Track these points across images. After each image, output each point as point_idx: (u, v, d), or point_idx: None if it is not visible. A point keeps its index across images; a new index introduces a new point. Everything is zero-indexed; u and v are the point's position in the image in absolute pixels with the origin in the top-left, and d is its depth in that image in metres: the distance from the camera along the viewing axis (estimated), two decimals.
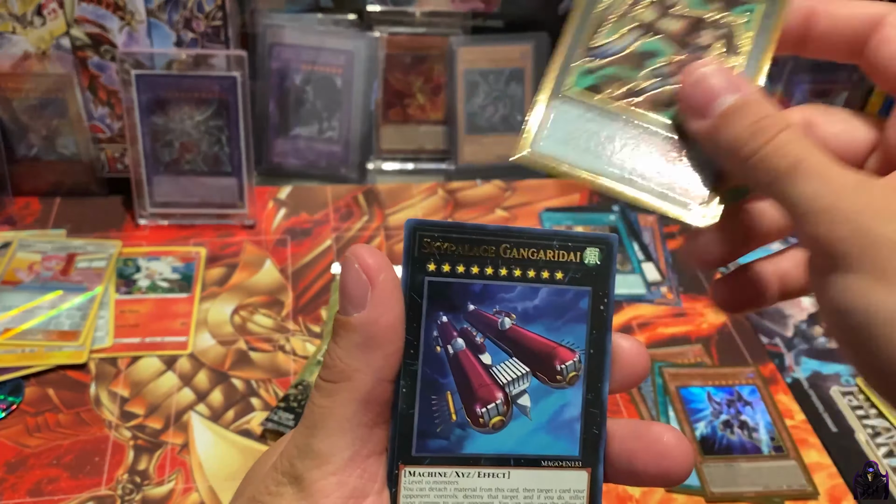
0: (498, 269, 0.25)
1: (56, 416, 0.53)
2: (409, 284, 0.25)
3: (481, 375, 0.26)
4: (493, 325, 0.26)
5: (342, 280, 0.24)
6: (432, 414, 0.25)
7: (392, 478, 0.25)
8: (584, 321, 0.26)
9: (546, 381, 0.26)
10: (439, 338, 0.25)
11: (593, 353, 0.26)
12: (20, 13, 0.64)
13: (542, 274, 0.26)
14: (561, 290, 0.26)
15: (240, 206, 0.70)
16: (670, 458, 0.26)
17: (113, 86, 0.68)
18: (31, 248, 0.64)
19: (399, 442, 0.25)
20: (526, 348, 0.26)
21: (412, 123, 0.81)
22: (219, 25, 0.66)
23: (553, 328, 0.26)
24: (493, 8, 0.80)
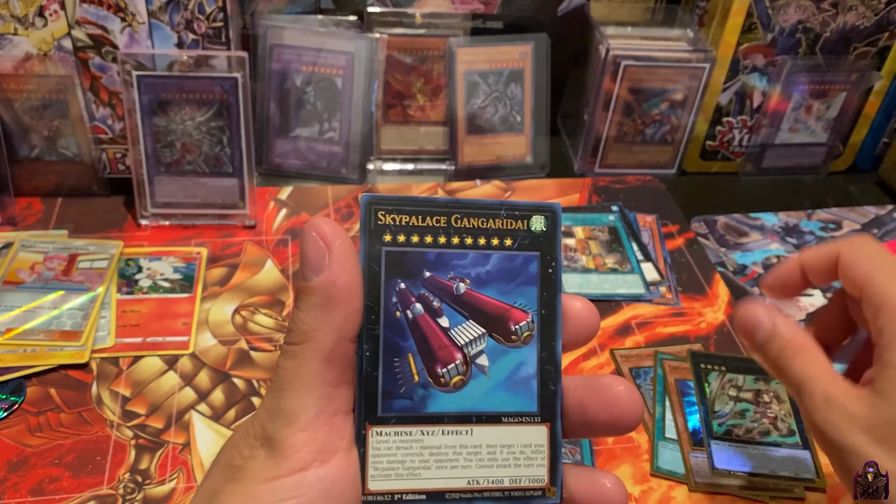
0: (451, 238, 0.27)
1: (58, 416, 0.54)
2: (368, 254, 0.27)
3: (440, 338, 0.27)
4: (448, 290, 0.27)
5: (301, 249, 0.25)
6: (395, 376, 0.27)
7: (360, 438, 0.26)
8: (535, 284, 0.28)
9: (502, 342, 0.27)
10: (398, 303, 0.27)
11: (545, 313, 0.28)
12: (22, 14, 0.64)
13: (493, 241, 0.27)
14: (511, 256, 0.27)
15: (241, 207, 0.70)
16: (620, 406, 0.28)
17: (114, 87, 0.68)
18: (33, 249, 0.64)
19: (365, 403, 0.26)
20: (481, 311, 0.27)
21: (412, 124, 0.81)
22: (220, 27, 0.66)
23: (506, 291, 0.27)
24: (493, 9, 0.80)
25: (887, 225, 0.79)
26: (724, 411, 0.55)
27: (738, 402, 0.55)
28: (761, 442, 0.53)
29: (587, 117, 0.81)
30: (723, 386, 0.57)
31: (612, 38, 0.78)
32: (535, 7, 0.82)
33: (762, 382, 0.57)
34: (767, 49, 0.79)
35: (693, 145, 0.84)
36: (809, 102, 0.82)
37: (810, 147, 0.85)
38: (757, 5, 0.75)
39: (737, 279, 0.70)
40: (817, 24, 0.77)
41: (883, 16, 0.78)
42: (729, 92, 0.81)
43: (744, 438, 0.53)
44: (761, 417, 0.55)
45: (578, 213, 0.75)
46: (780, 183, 0.85)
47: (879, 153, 0.88)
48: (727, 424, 0.54)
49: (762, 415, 0.55)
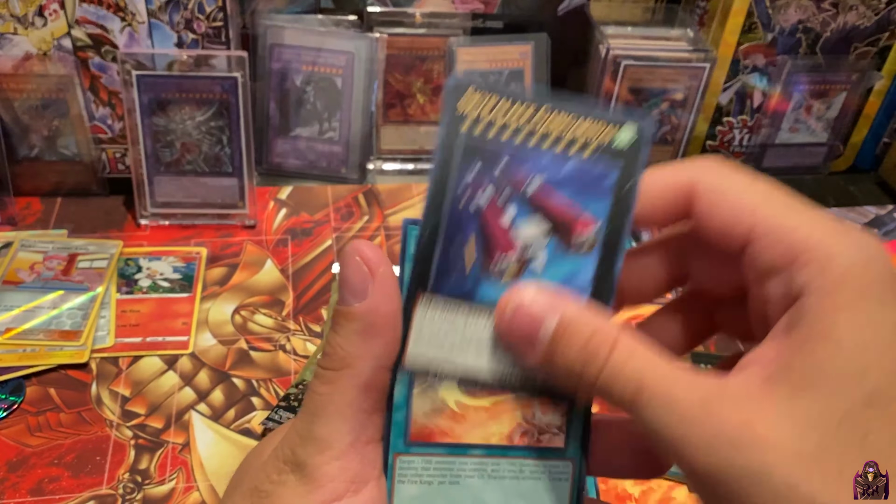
0: (533, 134, 0.26)
1: (57, 416, 0.54)
2: (445, 139, 0.26)
3: (503, 228, 0.26)
4: (520, 186, 0.26)
5: (342, 272, 0.25)
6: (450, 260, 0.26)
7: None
8: (609, 197, 0.26)
9: (563, 246, 0.26)
10: (468, 191, 0.26)
11: (611, 228, 0.26)
12: (21, 14, 0.64)
13: (575, 145, 0.26)
14: (591, 163, 0.26)
15: (240, 207, 0.70)
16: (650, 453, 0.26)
17: (114, 86, 0.68)
18: (33, 248, 0.64)
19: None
20: (549, 211, 0.26)
21: (412, 124, 0.81)
22: (219, 26, 0.66)
23: (578, 197, 0.26)
24: (493, 9, 0.80)
25: (887, 225, 0.79)
26: None
27: None
28: None
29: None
30: None
31: (613, 37, 0.78)
32: (535, 7, 0.82)
33: None
34: (768, 49, 0.79)
35: (693, 145, 0.84)
36: (810, 102, 0.82)
37: (810, 147, 0.85)
38: (757, 5, 0.75)
39: None
40: (818, 24, 0.77)
41: (883, 16, 0.77)
42: (729, 92, 0.81)
43: None
44: None
45: None
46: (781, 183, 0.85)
47: (880, 153, 0.88)
48: None
49: None
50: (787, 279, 0.21)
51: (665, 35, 0.80)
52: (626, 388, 0.22)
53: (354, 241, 0.25)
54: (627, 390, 0.22)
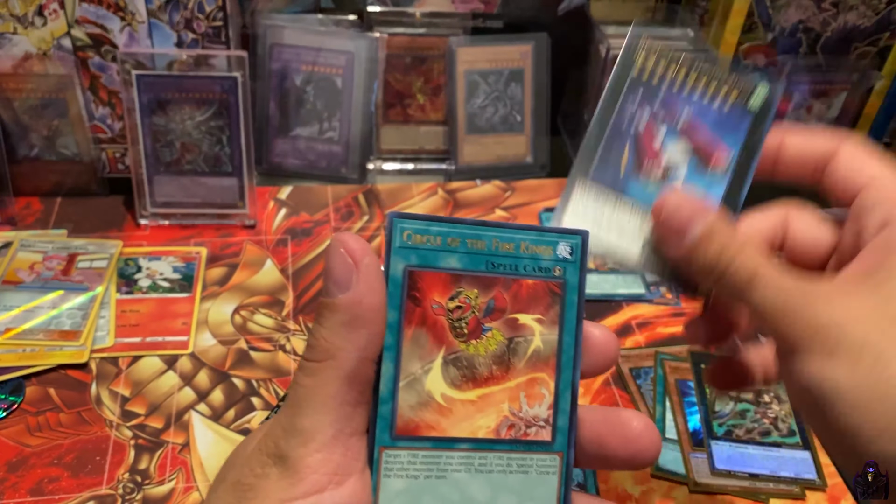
0: (686, 84, 0.33)
1: (57, 416, 0.54)
2: (618, 73, 0.33)
3: (654, 144, 0.33)
4: (672, 115, 0.33)
5: (327, 264, 0.25)
6: (609, 158, 0.33)
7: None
8: (742, 137, 0.33)
9: (701, 167, 0.33)
10: (631, 109, 0.33)
11: (741, 161, 0.33)
12: (21, 13, 0.64)
13: (719, 96, 0.33)
14: (731, 110, 0.33)
15: (240, 206, 0.70)
16: (639, 443, 0.27)
17: (114, 86, 0.68)
18: (32, 248, 0.64)
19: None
20: (692, 138, 0.33)
21: (412, 124, 0.81)
22: (219, 26, 0.66)
23: (718, 132, 0.33)
24: (493, 9, 0.80)
25: None
26: (725, 411, 0.55)
27: (738, 403, 0.55)
28: (762, 442, 0.53)
29: (588, 117, 0.81)
30: None
31: (613, 37, 0.78)
32: (535, 6, 0.82)
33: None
34: (768, 49, 0.79)
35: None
36: (810, 102, 0.82)
37: None
38: (758, 5, 0.75)
39: None
40: (818, 24, 0.77)
41: (884, 16, 0.77)
42: None
43: (744, 439, 0.53)
44: (762, 418, 0.55)
45: None
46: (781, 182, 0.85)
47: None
48: (727, 425, 0.54)
49: (762, 415, 0.55)
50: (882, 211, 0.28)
51: (666, 35, 0.80)
52: (744, 277, 0.28)
53: (338, 234, 0.25)
54: (744, 278, 0.28)
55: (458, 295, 0.27)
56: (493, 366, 0.27)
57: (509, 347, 0.28)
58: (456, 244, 0.27)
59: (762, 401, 0.56)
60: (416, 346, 0.26)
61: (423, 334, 0.26)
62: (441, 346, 0.27)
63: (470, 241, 0.27)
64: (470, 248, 0.27)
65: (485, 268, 0.27)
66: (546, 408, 0.27)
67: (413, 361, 0.26)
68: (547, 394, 0.28)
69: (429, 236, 0.26)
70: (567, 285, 0.28)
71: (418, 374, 0.26)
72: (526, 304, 0.27)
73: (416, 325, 0.26)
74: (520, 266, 0.27)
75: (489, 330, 0.27)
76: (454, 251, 0.27)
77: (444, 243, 0.27)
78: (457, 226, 0.27)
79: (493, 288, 0.27)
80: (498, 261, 0.27)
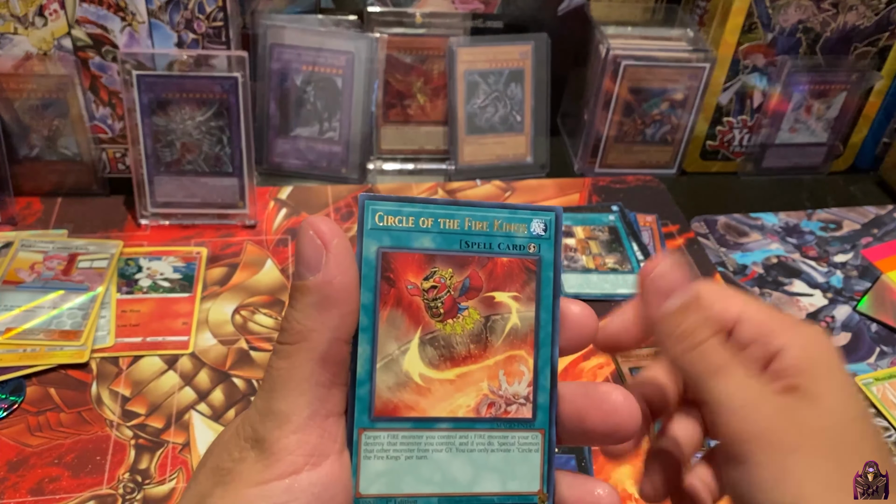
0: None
1: (57, 416, 0.54)
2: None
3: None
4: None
5: (298, 247, 0.25)
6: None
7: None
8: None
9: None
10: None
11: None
12: (21, 14, 0.64)
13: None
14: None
15: (241, 206, 0.70)
16: (619, 415, 0.27)
17: (114, 86, 0.68)
18: (33, 248, 0.64)
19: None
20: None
21: (412, 124, 0.81)
22: (220, 26, 0.66)
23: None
24: (493, 9, 0.80)
25: (887, 225, 0.79)
26: None
27: None
28: None
29: (587, 117, 0.81)
30: None
31: (613, 37, 0.78)
32: (535, 7, 0.82)
33: None
34: (768, 49, 0.79)
35: (693, 145, 0.84)
36: (809, 102, 0.82)
37: (810, 147, 0.85)
38: (757, 5, 0.75)
39: (737, 279, 0.70)
40: (817, 24, 0.77)
41: (883, 16, 0.78)
42: (729, 92, 0.81)
43: None
44: None
45: (578, 212, 0.75)
46: (781, 183, 0.85)
47: (879, 153, 0.88)
48: None
49: None
50: (764, 344, 0.29)
51: (665, 35, 0.80)
52: (713, 363, 0.28)
53: (308, 217, 0.25)
54: (713, 365, 0.28)
55: (433, 275, 0.27)
56: (471, 344, 0.27)
57: (486, 326, 0.27)
58: (429, 224, 0.26)
59: None
60: (392, 327, 0.26)
61: (399, 315, 0.26)
62: (417, 326, 0.26)
63: (443, 220, 0.26)
64: (443, 228, 0.27)
65: (459, 247, 0.27)
66: (526, 385, 0.27)
67: (389, 342, 0.26)
68: (526, 371, 0.27)
69: (401, 217, 0.26)
70: (542, 262, 0.27)
71: (395, 354, 0.26)
72: (501, 281, 0.27)
73: (391, 306, 0.26)
74: (494, 244, 0.27)
75: (465, 309, 0.27)
76: (427, 231, 0.26)
77: (417, 224, 0.26)
78: (429, 206, 0.26)
79: (468, 267, 0.27)
80: (472, 240, 0.27)
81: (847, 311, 0.68)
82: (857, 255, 0.74)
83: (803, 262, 0.73)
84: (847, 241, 0.76)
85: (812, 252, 0.74)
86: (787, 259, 0.73)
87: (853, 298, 0.69)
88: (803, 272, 0.72)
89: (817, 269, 0.72)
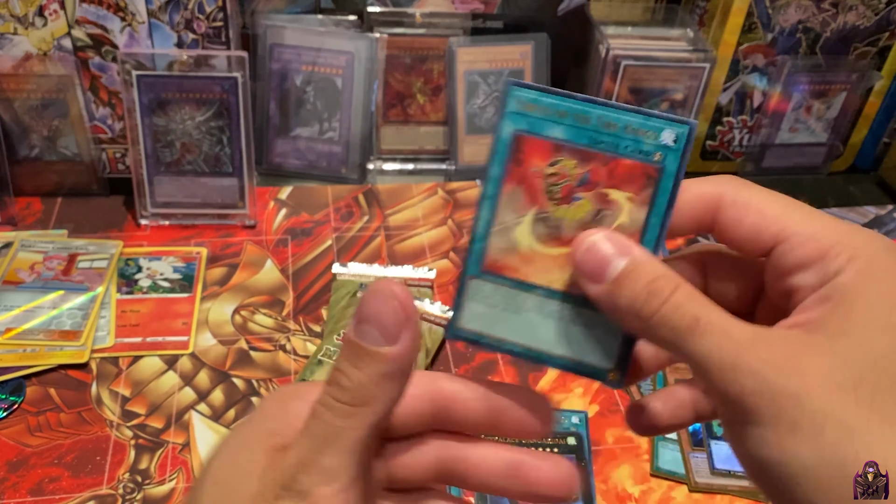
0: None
1: (57, 416, 0.54)
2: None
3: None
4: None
5: (373, 308, 0.25)
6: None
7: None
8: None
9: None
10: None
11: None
12: (21, 14, 0.64)
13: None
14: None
15: (241, 207, 0.70)
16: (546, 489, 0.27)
17: (114, 86, 0.68)
18: (33, 248, 0.64)
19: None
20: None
21: (412, 124, 0.81)
22: (220, 26, 0.66)
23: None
24: (493, 9, 0.80)
25: (887, 225, 0.79)
26: None
27: None
28: None
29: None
30: None
31: (613, 37, 0.78)
32: (535, 7, 0.82)
33: None
34: (768, 49, 0.79)
35: (693, 145, 0.84)
36: (809, 102, 0.82)
37: (810, 147, 0.85)
38: (757, 5, 0.75)
39: None
40: (817, 24, 0.77)
41: (883, 16, 0.78)
42: (729, 92, 0.81)
43: None
44: None
45: None
46: (780, 183, 0.85)
47: (879, 153, 0.88)
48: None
49: None
50: (821, 268, 0.25)
51: (665, 35, 0.80)
52: (684, 320, 0.25)
53: (386, 281, 0.25)
54: (685, 321, 0.25)
55: (557, 163, 0.29)
56: (578, 230, 0.29)
57: (596, 217, 0.29)
58: (563, 116, 0.28)
59: None
60: (512, 201, 0.29)
61: (520, 192, 0.29)
62: (534, 204, 0.29)
63: (577, 115, 0.28)
64: (576, 122, 0.28)
65: (587, 142, 0.28)
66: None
67: (507, 213, 0.29)
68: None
69: (540, 106, 0.29)
70: (664, 171, 0.28)
71: (510, 224, 0.29)
72: (620, 181, 0.29)
73: (514, 182, 0.29)
74: (621, 146, 0.28)
75: (580, 199, 0.29)
76: (560, 122, 0.28)
77: (553, 114, 0.28)
78: (567, 100, 0.28)
79: (591, 162, 0.29)
80: (601, 137, 0.28)
81: None
82: None
83: None
84: None
85: None
86: None
87: None
88: None
89: None
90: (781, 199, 0.27)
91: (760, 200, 0.27)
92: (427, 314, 0.60)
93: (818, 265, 0.25)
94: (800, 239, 0.26)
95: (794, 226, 0.26)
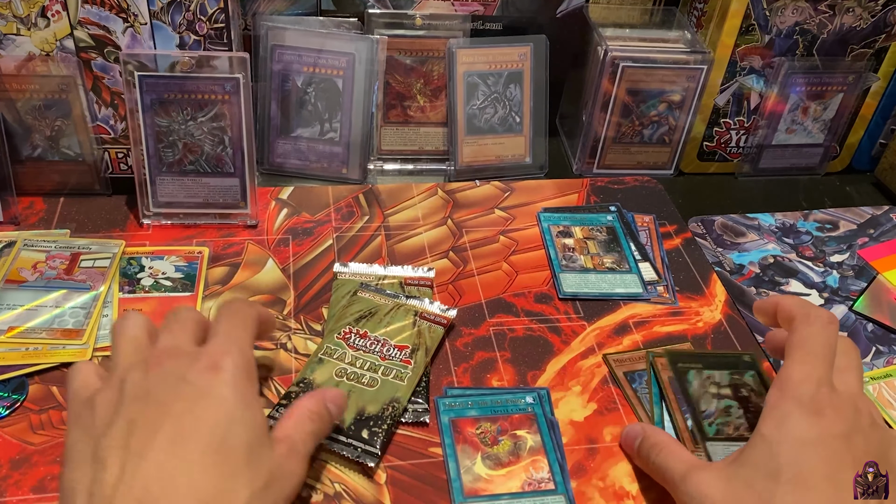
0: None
1: (60, 414, 0.54)
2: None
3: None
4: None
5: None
6: None
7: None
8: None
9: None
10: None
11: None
12: (24, 15, 0.65)
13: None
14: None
15: (242, 206, 0.70)
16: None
17: (116, 87, 0.69)
18: (36, 248, 0.65)
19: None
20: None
21: (412, 125, 0.81)
22: (221, 28, 0.67)
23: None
24: (492, 11, 0.81)
25: (883, 225, 0.80)
26: (711, 410, 0.55)
27: (720, 399, 0.56)
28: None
29: (585, 118, 0.81)
30: (703, 384, 0.57)
31: (611, 39, 0.79)
32: (534, 8, 0.82)
33: (736, 376, 0.57)
34: (765, 50, 0.79)
35: (690, 146, 0.84)
36: (806, 104, 0.82)
37: (807, 148, 0.86)
38: (754, 7, 0.76)
39: (734, 279, 0.71)
40: (814, 26, 0.78)
41: (880, 18, 0.78)
42: (726, 93, 0.82)
43: (735, 436, 0.54)
44: (745, 412, 0.55)
45: (577, 213, 0.76)
46: (777, 183, 0.86)
47: (876, 154, 0.88)
48: (716, 424, 0.54)
49: (745, 409, 0.55)
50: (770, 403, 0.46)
51: (663, 37, 0.81)
52: (678, 469, 0.47)
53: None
54: (678, 470, 0.47)
55: (481, 427, 0.53)
56: (510, 456, 0.51)
57: (516, 446, 0.52)
58: (472, 405, 0.54)
59: (741, 394, 0.56)
60: (465, 453, 0.51)
61: (467, 446, 0.52)
62: (478, 451, 0.52)
63: (479, 401, 0.55)
64: (480, 405, 0.54)
65: (492, 412, 0.54)
66: (546, 473, 0.51)
67: (465, 460, 0.51)
68: (545, 465, 0.51)
69: (459, 402, 0.54)
70: (537, 415, 0.54)
71: (469, 465, 0.51)
72: (518, 425, 0.53)
73: (461, 443, 0.52)
74: (510, 408, 0.54)
75: (502, 440, 0.52)
76: (473, 408, 0.54)
77: (466, 404, 0.54)
78: (471, 396, 0.55)
79: (499, 421, 0.53)
80: (496, 408, 0.54)
81: (843, 311, 0.68)
82: (854, 256, 0.75)
83: (800, 262, 0.74)
84: (843, 242, 0.77)
85: (808, 252, 0.75)
86: (784, 259, 0.74)
87: (849, 298, 0.70)
88: (800, 272, 0.72)
89: (814, 269, 0.73)
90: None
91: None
92: (427, 313, 0.61)
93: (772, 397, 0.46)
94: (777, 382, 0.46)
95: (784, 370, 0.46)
